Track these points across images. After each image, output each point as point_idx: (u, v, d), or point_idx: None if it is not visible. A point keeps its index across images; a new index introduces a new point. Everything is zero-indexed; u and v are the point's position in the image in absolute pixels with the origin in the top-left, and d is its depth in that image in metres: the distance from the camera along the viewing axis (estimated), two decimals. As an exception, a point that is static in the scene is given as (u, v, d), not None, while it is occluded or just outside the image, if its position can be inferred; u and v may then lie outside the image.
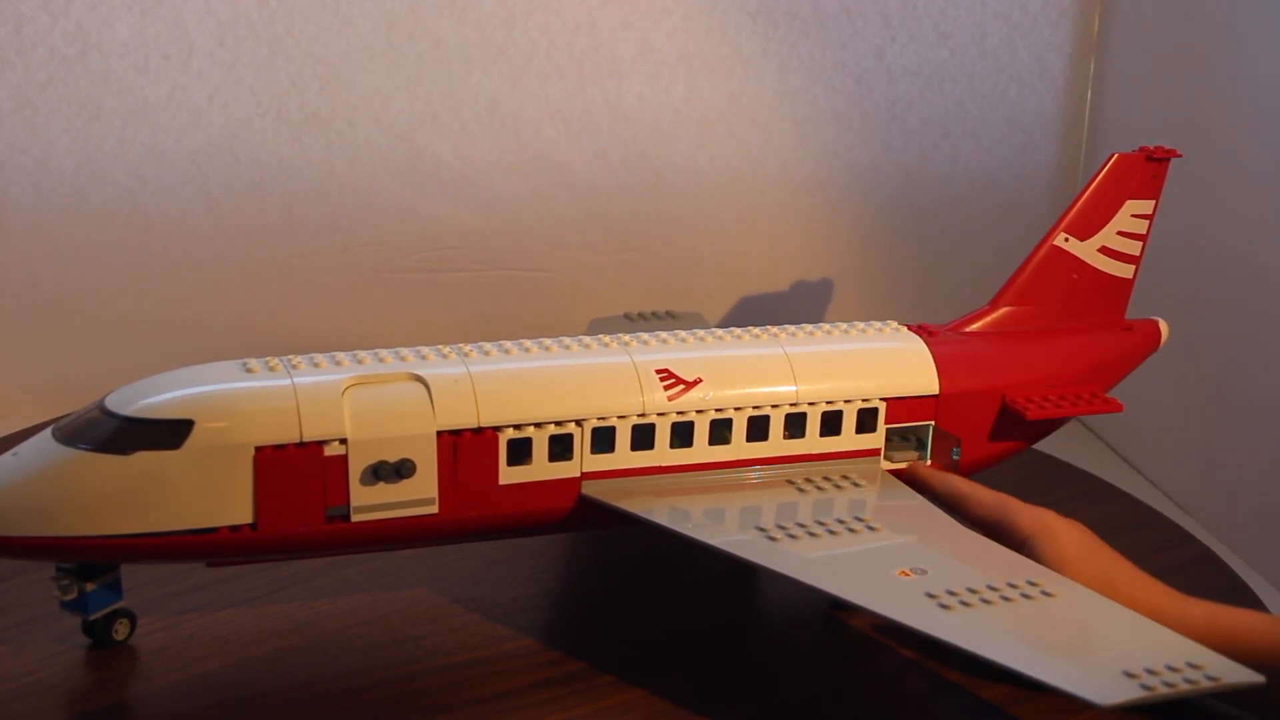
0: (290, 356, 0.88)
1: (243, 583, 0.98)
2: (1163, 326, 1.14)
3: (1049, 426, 1.07)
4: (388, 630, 0.94)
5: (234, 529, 0.84)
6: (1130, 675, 0.75)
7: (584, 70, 1.53)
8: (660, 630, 0.98)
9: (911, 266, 1.59)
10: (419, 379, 0.88)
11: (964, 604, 0.81)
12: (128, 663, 0.89)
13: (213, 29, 1.46)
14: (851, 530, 0.89)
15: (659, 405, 0.93)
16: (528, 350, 0.94)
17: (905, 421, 1.00)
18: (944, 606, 0.81)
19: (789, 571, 0.85)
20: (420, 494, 0.87)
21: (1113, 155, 1.09)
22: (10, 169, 1.45)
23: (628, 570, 1.06)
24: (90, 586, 0.87)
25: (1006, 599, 0.82)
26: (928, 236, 1.59)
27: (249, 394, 0.84)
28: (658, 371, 0.94)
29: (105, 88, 1.45)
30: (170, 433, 0.82)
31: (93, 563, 0.86)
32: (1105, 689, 0.74)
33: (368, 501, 0.86)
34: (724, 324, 1.60)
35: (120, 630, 0.90)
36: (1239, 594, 1.10)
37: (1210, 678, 0.76)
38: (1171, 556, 1.16)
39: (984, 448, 1.04)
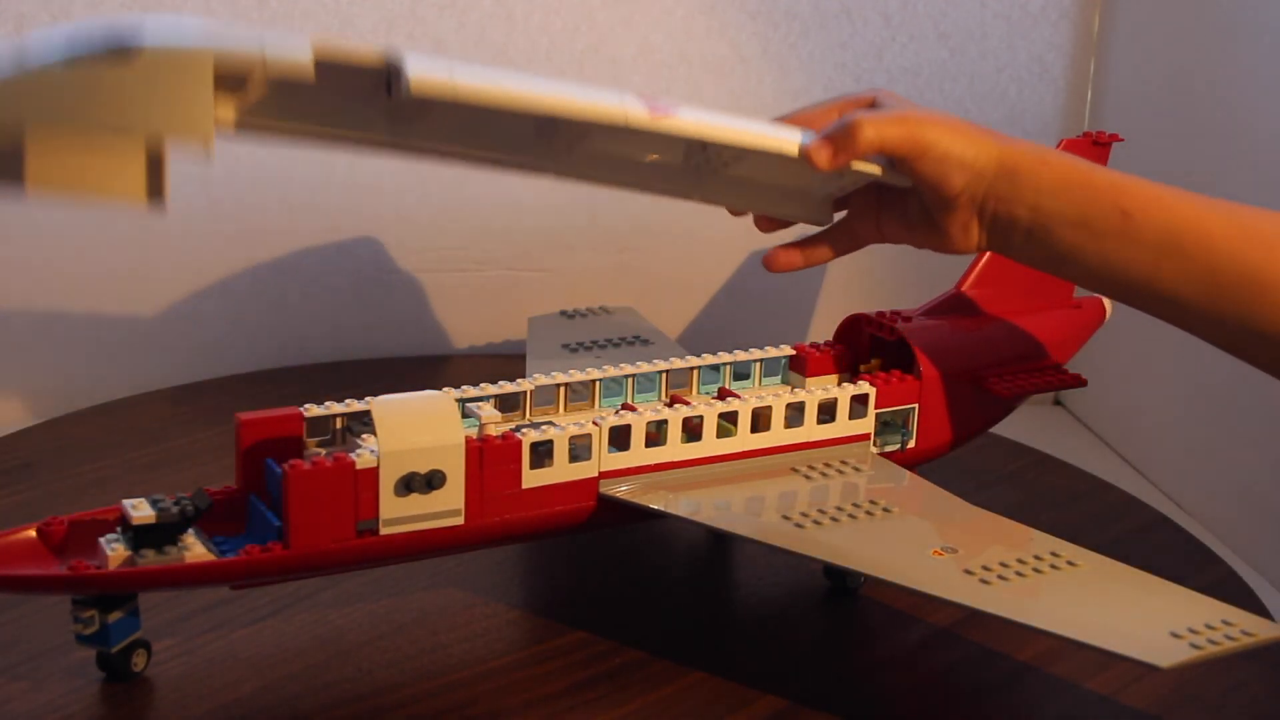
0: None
1: (248, 601, 0.97)
2: (1106, 303, 1.20)
3: (1017, 402, 1.12)
4: (413, 640, 0.94)
5: (264, 548, 0.84)
6: (1177, 636, 0.78)
7: (584, 70, 1.52)
8: (683, 619, 1.00)
9: (912, 264, 1.59)
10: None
11: (1002, 579, 0.85)
12: (154, 694, 0.87)
13: (213, 29, 1.45)
14: (871, 514, 0.93)
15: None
16: None
17: (892, 406, 1.04)
18: (986, 583, 0.84)
19: (829, 559, 0.88)
20: (448, 504, 0.87)
21: (1061, 141, 1.16)
22: (10, 169, 1.44)
23: (627, 562, 1.07)
24: (113, 618, 0.85)
25: (1038, 571, 0.86)
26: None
27: None
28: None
29: (105, 88, 1.44)
30: None
31: (113, 593, 0.85)
32: (1161, 651, 0.77)
33: (397, 514, 0.86)
34: (727, 321, 1.61)
35: (139, 661, 0.88)
36: (1198, 556, 1.13)
37: (1246, 633, 0.79)
38: (1128, 523, 1.20)
39: (961, 426, 1.09)
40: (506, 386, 0.99)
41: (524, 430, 0.91)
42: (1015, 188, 0.91)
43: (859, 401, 1.03)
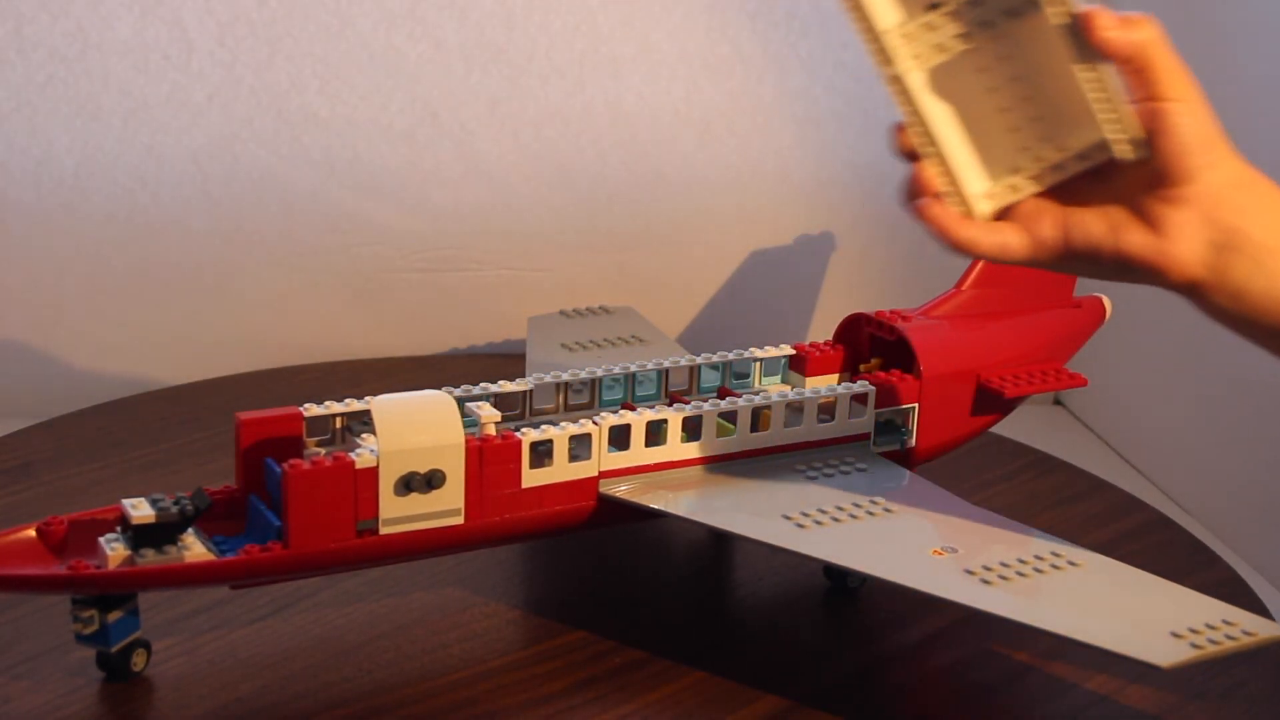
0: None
1: (247, 601, 0.97)
2: (1106, 302, 1.20)
3: (1017, 402, 1.11)
4: (412, 640, 0.94)
5: (264, 548, 0.84)
6: (1177, 636, 0.78)
7: (584, 70, 1.53)
8: (683, 619, 1.00)
9: (911, 266, 1.59)
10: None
11: (1003, 579, 0.85)
12: (154, 694, 0.87)
13: (213, 29, 1.45)
14: (871, 514, 0.93)
15: None
16: None
17: (892, 405, 1.04)
18: (986, 583, 0.84)
19: (829, 558, 0.88)
20: (448, 504, 0.87)
21: None
22: (10, 169, 1.44)
23: (627, 562, 1.08)
24: (113, 617, 0.85)
25: (1039, 571, 0.86)
26: (928, 235, 1.60)
27: None
28: None
29: (105, 88, 1.44)
30: None
31: (113, 593, 0.85)
32: (1161, 651, 0.77)
33: (397, 514, 0.86)
34: (727, 321, 1.61)
35: (138, 661, 0.88)
36: (1198, 555, 1.13)
37: (1247, 633, 0.79)
38: (1127, 523, 1.20)
39: (961, 426, 1.09)
40: (506, 386, 0.99)
41: (524, 430, 0.91)
42: (1256, 200, 0.79)
43: (859, 401, 1.03)
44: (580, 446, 0.93)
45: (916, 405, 1.05)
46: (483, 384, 0.99)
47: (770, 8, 1.53)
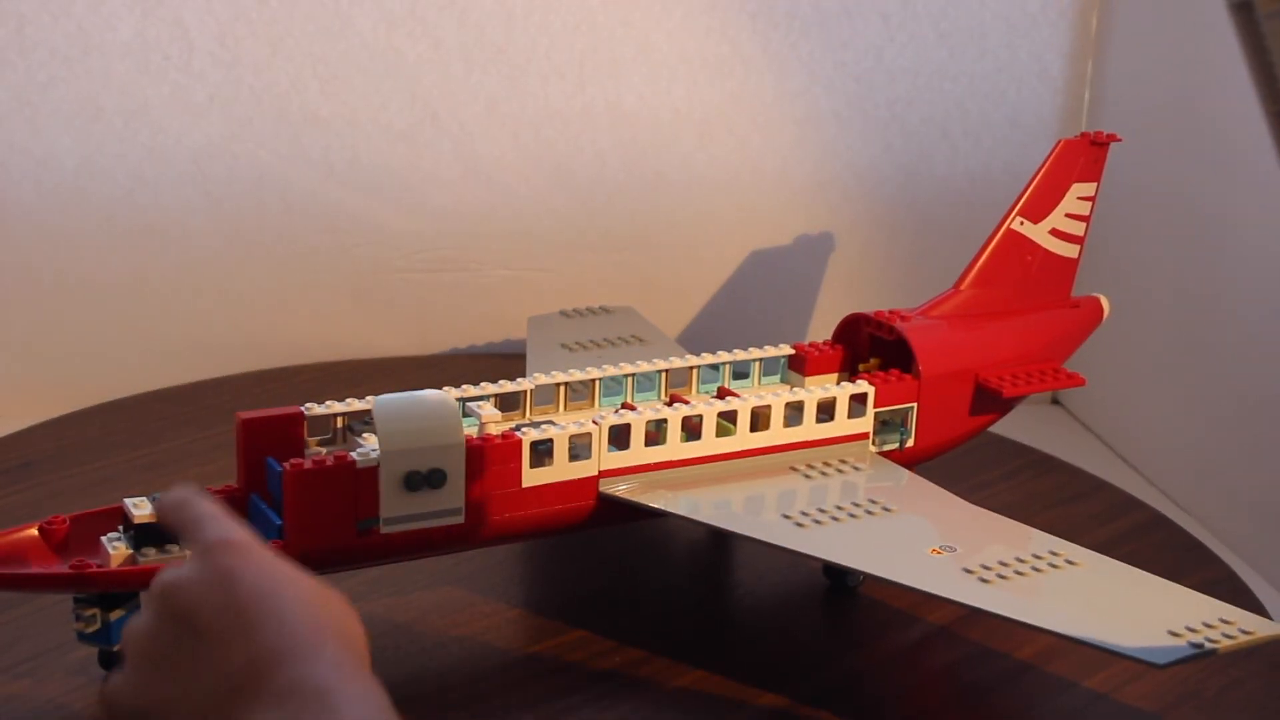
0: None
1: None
2: (1104, 302, 1.20)
3: (1016, 402, 1.12)
4: (413, 639, 0.94)
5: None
6: (1175, 635, 0.79)
7: (584, 70, 1.53)
8: (683, 619, 1.00)
9: (911, 267, 1.59)
10: None
11: (1001, 577, 0.85)
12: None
13: (213, 29, 1.45)
14: (870, 513, 0.93)
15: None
16: None
17: (891, 405, 1.04)
18: (985, 581, 0.84)
19: (829, 557, 0.88)
20: (449, 503, 0.87)
21: (1059, 142, 1.15)
22: (11, 169, 1.44)
23: (627, 562, 1.08)
24: (115, 616, 0.85)
25: (1037, 570, 0.87)
26: (928, 237, 1.60)
27: None
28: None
29: (106, 88, 1.44)
30: None
31: (115, 592, 0.85)
32: (1159, 650, 0.78)
33: (397, 513, 0.86)
34: (727, 322, 1.61)
35: None
36: (1196, 554, 1.14)
37: (1244, 632, 0.80)
38: (1125, 522, 1.20)
39: (960, 426, 1.09)
40: (506, 386, 1.00)
41: (524, 429, 0.91)
42: None
43: (858, 400, 1.03)
44: (580, 446, 0.93)
45: (915, 405, 1.05)
46: (483, 384, 0.99)
47: (770, 8, 1.54)
